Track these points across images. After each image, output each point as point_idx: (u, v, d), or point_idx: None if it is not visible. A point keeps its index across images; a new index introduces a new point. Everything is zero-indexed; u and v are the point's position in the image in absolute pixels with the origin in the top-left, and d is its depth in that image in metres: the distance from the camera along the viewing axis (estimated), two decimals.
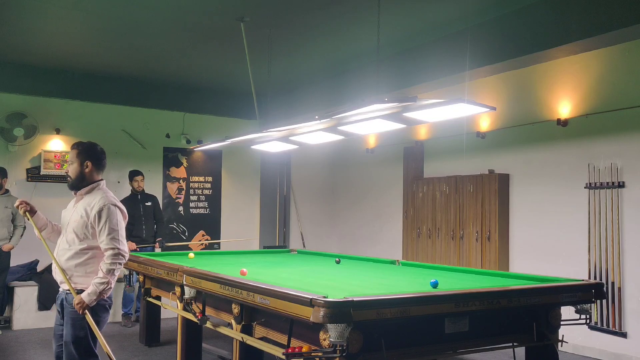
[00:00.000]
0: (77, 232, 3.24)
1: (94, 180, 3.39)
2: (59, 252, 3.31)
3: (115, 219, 3.25)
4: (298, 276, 4.29)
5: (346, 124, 4.65)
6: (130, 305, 6.90)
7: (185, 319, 4.71)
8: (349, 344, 2.72)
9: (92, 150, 3.45)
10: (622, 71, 5.47)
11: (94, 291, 3.15)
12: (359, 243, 8.77)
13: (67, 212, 3.40)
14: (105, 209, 3.23)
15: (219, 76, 7.53)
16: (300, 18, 5.29)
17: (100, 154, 3.46)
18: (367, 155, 8.64)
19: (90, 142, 3.51)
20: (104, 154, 3.49)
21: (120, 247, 3.23)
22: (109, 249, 3.21)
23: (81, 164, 3.37)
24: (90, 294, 3.15)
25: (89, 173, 3.38)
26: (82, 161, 3.37)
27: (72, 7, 5.05)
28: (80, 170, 3.36)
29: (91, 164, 3.39)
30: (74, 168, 3.37)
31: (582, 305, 3.59)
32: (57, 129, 7.41)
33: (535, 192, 6.18)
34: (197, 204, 8.46)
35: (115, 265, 3.20)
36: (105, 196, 3.31)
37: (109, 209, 3.24)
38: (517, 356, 3.81)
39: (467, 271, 4.66)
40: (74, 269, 3.25)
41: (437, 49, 5.76)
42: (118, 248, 3.22)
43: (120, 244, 3.24)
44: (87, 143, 3.48)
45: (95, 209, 3.23)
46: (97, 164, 3.42)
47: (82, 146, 3.43)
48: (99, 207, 3.23)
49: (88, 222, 3.23)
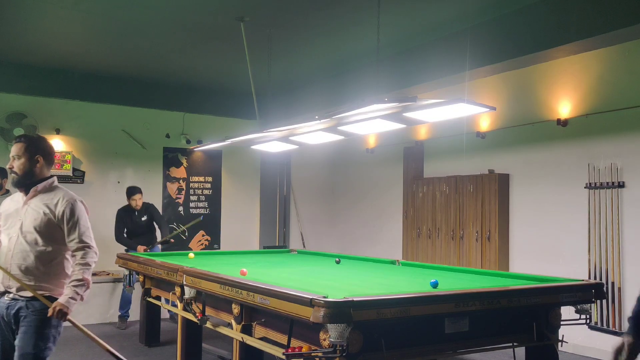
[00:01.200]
0: (40, 232, 2.92)
1: (44, 177, 3.04)
2: (14, 254, 2.92)
3: (85, 215, 3.02)
4: (298, 276, 4.29)
5: (346, 124, 4.65)
6: (128, 307, 6.90)
7: (185, 319, 4.71)
8: (349, 344, 2.72)
9: (42, 143, 3.07)
10: (622, 71, 5.47)
11: (73, 295, 2.88)
12: (359, 243, 8.77)
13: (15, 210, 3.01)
14: (74, 206, 2.98)
15: (219, 76, 7.53)
16: (300, 18, 5.29)
17: (50, 148, 3.12)
18: (367, 155, 8.64)
19: (39, 135, 3.18)
20: (52, 148, 3.16)
21: (92, 244, 3.01)
22: (81, 247, 2.96)
23: (30, 159, 2.99)
24: (70, 299, 2.87)
25: (39, 169, 3.02)
26: (31, 156, 3.00)
27: (72, 7, 5.05)
28: (30, 166, 2.99)
29: (42, 158, 3.03)
30: (22, 163, 2.98)
31: (582, 305, 3.59)
32: (57, 129, 7.41)
33: (535, 192, 6.18)
34: (197, 204, 8.47)
35: (90, 264, 2.97)
36: (68, 193, 3.04)
37: (78, 206, 3.00)
38: (517, 356, 3.81)
39: (467, 271, 4.66)
40: (40, 273, 2.91)
41: (437, 49, 5.76)
42: (90, 245, 2.99)
43: (92, 240, 3.02)
44: (36, 136, 3.14)
45: (60, 206, 2.95)
46: (48, 158, 3.07)
47: (30, 139, 3.05)
48: (65, 204, 2.96)
49: (54, 221, 2.94)
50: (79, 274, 2.92)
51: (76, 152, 7.55)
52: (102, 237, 7.29)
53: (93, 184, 7.63)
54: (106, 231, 7.20)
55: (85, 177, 7.60)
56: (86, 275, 2.94)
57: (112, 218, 6.88)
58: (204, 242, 8.48)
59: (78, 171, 7.56)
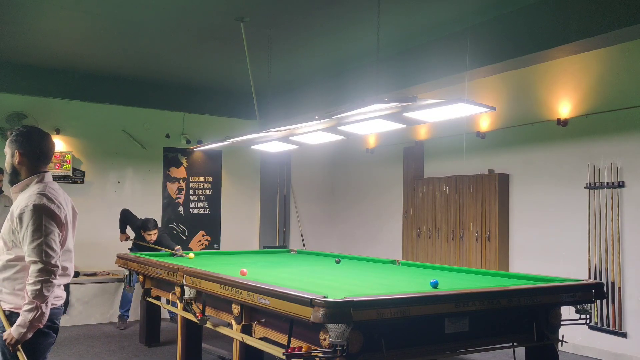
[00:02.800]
0: (5, 239, 2.57)
1: (29, 175, 2.65)
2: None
3: (41, 222, 2.48)
4: (298, 276, 4.29)
5: (346, 124, 4.65)
6: (128, 306, 6.90)
7: (185, 319, 4.71)
8: (349, 344, 2.72)
9: (26, 137, 2.65)
10: (622, 71, 5.47)
11: (23, 322, 2.42)
12: (359, 243, 8.77)
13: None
14: (27, 210, 2.49)
15: (219, 76, 7.53)
16: (300, 18, 5.29)
17: (36, 142, 2.67)
18: (367, 155, 8.64)
19: (29, 127, 2.74)
20: (44, 140, 2.70)
21: (47, 259, 2.45)
22: (32, 262, 2.46)
23: (12, 155, 2.65)
24: (19, 327, 2.43)
25: (19, 166, 2.64)
26: (12, 151, 2.65)
27: (72, 7, 5.05)
28: (10, 162, 2.66)
29: (20, 154, 2.63)
30: (7, 160, 2.67)
31: (582, 305, 3.59)
32: (57, 129, 7.41)
33: (535, 192, 6.18)
34: (197, 204, 8.46)
35: (42, 284, 2.43)
36: (33, 194, 2.55)
37: (33, 211, 2.48)
38: (517, 356, 3.81)
39: (467, 271, 4.67)
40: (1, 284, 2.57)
41: (437, 49, 5.76)
42: (43, 260, 2.44)
43: (48, 255, 2.46)
44: (23, 128, 2.71)
45: (17, 210, 2.53)
46: (31, 155, 2.64)
47: (17, 134, 2.67)
48: (21, 208, 2.51)
49: (13, 227, 2.54)
50: (28, 296, 2.44)
51: (76, 152, 7.55)
52: (102, 237, 7.32)
53: (93, 184, 7.63)
54: (106, 231, 7.22)
55: (85, 177, 7.60)
56: (37, 299, 2.43)
57: (112, 218, 6.87)
58: (204, 242, 8.48)
59: (78, 171, 7.56)
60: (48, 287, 2.46)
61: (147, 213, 7.09)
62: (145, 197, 8.04)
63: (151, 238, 6.36)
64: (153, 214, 7.34)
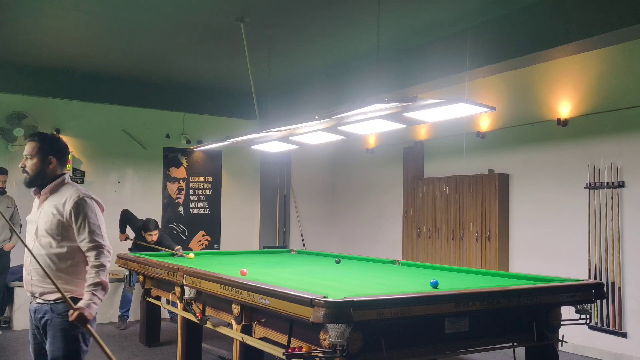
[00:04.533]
0: (52, 234, 2.82)
1: (56, 176, 2.93)
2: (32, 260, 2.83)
3: (94, 213, 2.86)
4: (298, 276, 4.29)
5: (346, 124, 4.65)
6: (128, 306, 6.90)
7: (185, 319, 4.71)
8: (349, 344, 2.72)
9: (56, 143, 2.97)
10: (622, 71, 5.47)
11: (90, 300, 2.74)
12: (359, 243, 8.77)
13: (33, 215, 2.97)
14: (81, 203, 2.83)
15: (219, 76, 7.53)
16: (300, 18, 5.29)
17: (64, 147, 3.01)
18: (367, 155, 8.64)
19: (53, 135, 3.04)
20: (67, 147, 3.07)
21: (104, 242, 2.86)
22: (92, 247, 2.82)
23: (43, 160, 2.89)
24: (90, 305, 2.73)
25: (52, 170, 2.91)
26: (44, 156, 2.89)
27: (72, 7, 5.05)
28: (42, 167, 2.89)
29: (55, 159, 2.92)
30: (34, 164, 2.88)
31: (582, 305, 3.59)
32: (57, 129, 7.41)
33: (535, 192, 6.18)
34: (197, 204, 8.46)
35: (104, 264, 2.82)
36: (77, 190, 2.88)
37: (85, 203, 2.84)
38: (517, 356, 3.81)
39: (467, 271, 4.67)
40: (58, 275, 2.81)
41: (437, 49, 5.76)
42: (102, 244, 2.84)
43: (104, 239, 2.87)
44: (50, 135, 3.03)
45: (68, 205, 2.82)
46: (62, 159, 2.97)
47: (44, 139, 2.94)
48: (72, 201, 2.82)
49: (63, 221, 2.82)
50: (95, 276, 2.78)
51: (76, 152, 7.55)
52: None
53: (93, 184, 7.63)
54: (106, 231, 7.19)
55: (85, 177, 7.60)
56: (102, 277, 2.79)
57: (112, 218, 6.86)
58: (204, 242, 8.48)
59: (78, 171, 7.56)
60: (106, 268, 2.83)
61: (147, 213, 7.09)
62: (145, 197, 8.04)
63: (152, 238, 6.36)
64: (153, 214, 7.34)
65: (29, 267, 2.86)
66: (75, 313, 2.69)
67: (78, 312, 2.69)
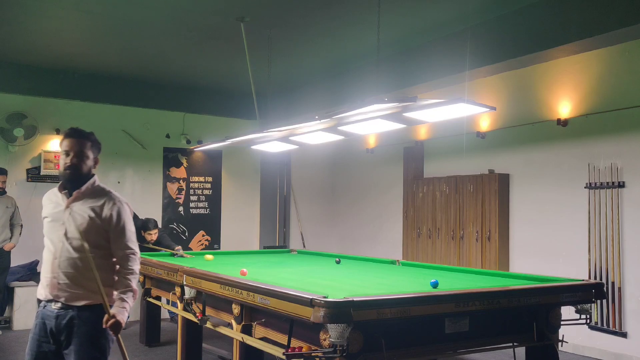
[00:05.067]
0: (88, 237, 2.68)
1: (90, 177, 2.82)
2: (61, 262, 2.68)
3: (131, 219, 2.83)
4: (298, 276, 4.29)
5: (346, 124, 4.65)
6: None
7: (185, 319, 4.71)
8: (349, 344, 2.72)
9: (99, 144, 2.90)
10: (622, 71, 5.47)
11: (124, 306, 2.66)
12: (359, 243, 8.77)
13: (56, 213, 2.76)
14: (121, 210, 2.77)
15: (219, 76, 7.53)
16: (300, 18, 5.29)
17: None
18: (367, 155, 8.64)
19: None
20: None
21: (137, 249, 2.83)
22: (129, 253, 2.76)
23: (94, 159, 2.83)
24: (122, 311, 2.64)
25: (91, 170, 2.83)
26: (95, 156, 2.84)
27: (72, 7, 5.05)
28: (89, 166, 2.79)
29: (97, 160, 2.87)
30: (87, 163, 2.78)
31: (582, 305, 3.59)
32: (57, 129, 7.41)
33: (535, 192, 6.18)
34: (197, 204, 8.46)
35: (136, 271, 2.77)
36: (114, 195, 2.81)
37: (124, 210, 2.79)
38: (517, 356, 3.81)
39: (467, 271, 4.67)
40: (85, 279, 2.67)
41: (437, 49, 5.76)
42: (135, 251, 2.80)
43: (136, 245, 2.84)
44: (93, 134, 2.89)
45: (107, 209, 2.73)
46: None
47: (94, 138, 2.85)
48: (112, 207, 2.74)
49: (100, 224, 2.72)
50: (127, 282, 2.71)
51: None
52: None
53: None
54: None
55: None
56: (134, 284, 2.73)
57: None
58: (204, 242, 8.48)
59: None
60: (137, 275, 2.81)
61: (147, 213, 7.09)
62: (145, 197, 8.03)
63: (151, 238, 6.36)
64: (153, 214, 7.34)
65: (57, 270, 2.68)
66: (112, 320, 2.59)
67: (114, 320, 2.60)
